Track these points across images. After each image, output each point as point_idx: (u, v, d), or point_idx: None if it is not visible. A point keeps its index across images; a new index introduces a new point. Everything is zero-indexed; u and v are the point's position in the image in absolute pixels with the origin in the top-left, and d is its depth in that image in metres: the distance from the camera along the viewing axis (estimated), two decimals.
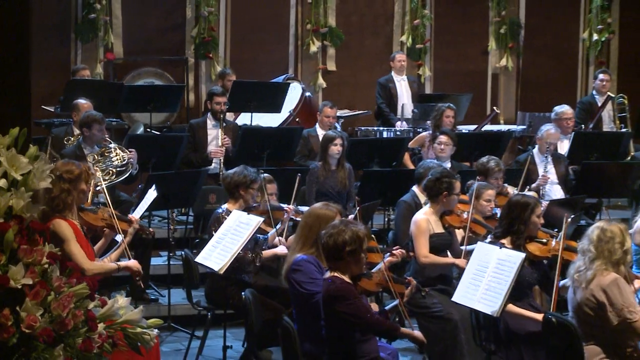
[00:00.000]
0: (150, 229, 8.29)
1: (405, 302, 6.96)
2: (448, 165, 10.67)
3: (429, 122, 12.13)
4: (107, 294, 6.32)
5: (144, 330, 5.85)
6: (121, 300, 5.83)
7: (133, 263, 7.19)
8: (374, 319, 6.43)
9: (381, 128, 13.15)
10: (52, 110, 12.03)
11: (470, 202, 8.66)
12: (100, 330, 5.56)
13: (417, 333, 6.71)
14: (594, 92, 14.03)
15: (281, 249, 8.45)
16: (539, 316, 7.20)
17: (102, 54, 13.72)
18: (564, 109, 12.38)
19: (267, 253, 8.50)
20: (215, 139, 11.63)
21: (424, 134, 12.03)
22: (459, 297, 7.28)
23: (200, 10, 14.05)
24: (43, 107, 12.16)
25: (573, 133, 12.34)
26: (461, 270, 7.68)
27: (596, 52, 15.95)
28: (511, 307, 7.25)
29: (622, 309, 6.59)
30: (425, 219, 8.45)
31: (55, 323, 5.14)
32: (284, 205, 8.99)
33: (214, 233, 7.90)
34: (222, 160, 11.41)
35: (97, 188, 8.31)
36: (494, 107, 14.37)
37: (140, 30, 13.94)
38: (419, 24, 15.12)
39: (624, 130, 13.51)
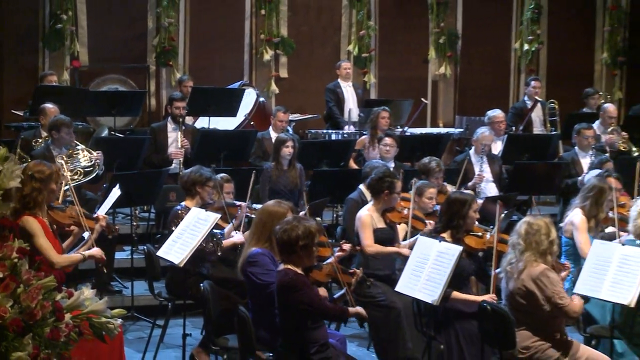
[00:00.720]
0: (116, 227, 8.23)
1: (352, 291, 6.96)
2: (392, 165, 10.72)
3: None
4: (73, 286, 6.23)
5: (109, 319, 5.81)
6: (87, 292, 5.78)
7: (96, 251, 7.15)
8: (326, 306, 6.47)
9: (330, 131, 13.16)
10: (21, 114, 11.97)
11: (412, 199, 8.70)
12: (67, 320, 5.51)
13: (359, 308, 6.73)
14: (525, 98, 14.16)
15: (239, 238, 8.42)
16: (480, 298, 7.29)
17: (69, 62, 13.66)
18: (496, 113, 12.46)
19: (226, 242, 8.47)
20: (175, 141, 11.58)
21: (363, 137, 12.07)
22: (401, 287, 7.31)
23: (161, 21, 14.03)
24: (13, 111, 12.09)
25: (506, 135, 12.42)
26: (404, 258, 7.71)
27: (527, 60, 16.06)
28: (455, 294, 7.35)
29: (553, 297, 6.68)
30: (368, 215, 8.52)
31: (24, 314, 5.10)
32: (238, 202, 8.98)
33: (174, 229, 7.87)
34: (181, 161, 11.36)
35: (66, 188, 8.25)
36: (422, 99, 14.33)
37: (105, 40, 13.88)
38: (364, 34, 15.14)
39: (554, 132, 13.62)
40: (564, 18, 16.24)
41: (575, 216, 8.52)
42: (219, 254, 8.42)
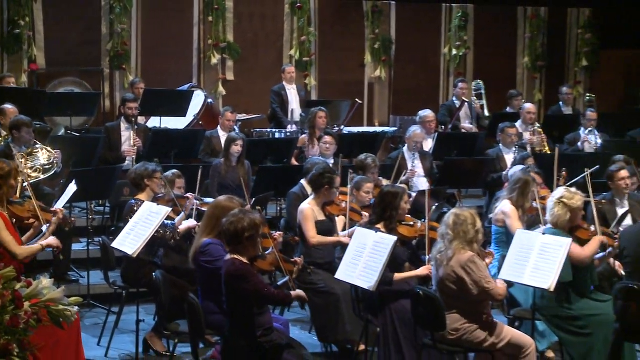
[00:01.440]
0: (72, 219, 8.18)
1: (294, 279, 6.97)
2: (331, 161, 10.73)
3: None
4: (32, 277, 6.18)
5: (66, 307, 5.77)
6: (45, 281, 5.74)
7: (52, 239, 7.12)
8: (271, 292, 6.46)
9: (274, 130, 13.14)
10: None
11: (350, 193, 8.74)
12: (26, 308, 5.47)
13: (300, 292, 6.73)
14: (454, 98, 14.22)
15: (192, 222, 8.43)
16: (420, 271, 7.45)
17: (27, 65, 13.52)
18: (427, 113, 12.52)
19: (182, 228, 8.43)
20: (128, 139, 11.53)
21: (304, 135, 12.09)
22: (341, 274, 7.34)
23: (114, 27, 13.93)
24: None
25: (436, 133, 12.49)
26: (344, 247, 7.74)
27: (455, 64, 16.16)
28: (397, 275, 7.43)
29: (480, 281, 6.73)
30: (309, 208, 8.56)
31: None
32: (186, 194, 8.96)
33: (129, 220, 7.82)
34: (134, 158, 11.30)
35: (24, 184, 8.17)
36: (357, 99, 14.38)
37: (61, 44, 13.74)
38: (305, 40, 15.14)
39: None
40: (488, 26, 16.38)
41: (505, 206, 8.59)
42: (177, 238, 8.39)
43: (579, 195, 7.92)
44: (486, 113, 14.06)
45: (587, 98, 15.66)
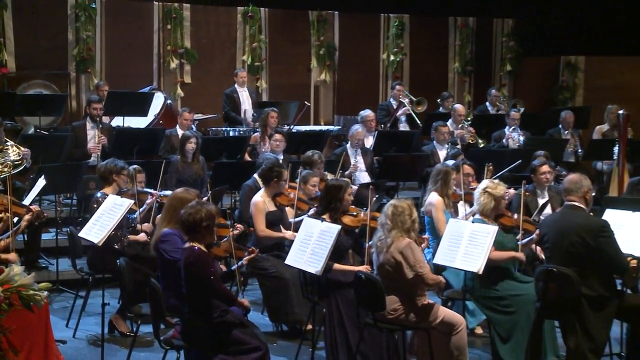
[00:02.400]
0: (45, 214, 8.16)
1: (247, 264, 6.97)
2: (281, 157, 10.76)
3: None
4: (4, 264, 6.14)
5: (36, 292, 5.72)
6: (16, 268, 5.71)
7: (12, 256, 7.09)
8: (220, 287, 6.43)
9: (228, 128, 13.11)
10: None
11: (298, 186, 8.76)
12: None
13: (245, 301, 6.65)
14: (391, 99, 14.28)
15: (142, 236, 8.46)
16: (357, 268, 7.36)
17: None
18: (368, 113, 12.58)
19: (132, 238, 8.50)
20: (93, 137, 11.44)
21: (256, 133, 12.08)
22: (290, 260, 7.34)
23: (80, 34, 13.78)
24: None
25: (376, 131, 12.53)
26: (290, 241, 7.75)
27: (393, 69, 16.20)
28: (337, 266, 7.40)
29: (415, 265, 6.76)
30: (261, 201, 8.60)
31: None
32: (150, 190, 8.93)
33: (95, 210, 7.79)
34: (99, 155, 11.24)
35: None
36: (305, 102, 14.44)
37: (30, 50, 13.55)
38: (256, 46, 15.10)
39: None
40: (422, 34, 16.45)
41: (433, 198, 8.65)
42: (125, 244, 8.45)
43: (502, 186, 8.00)
44: (417, 121, 14.07)
45: (512, 101, 15.79)
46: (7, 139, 9.94)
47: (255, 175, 9.58)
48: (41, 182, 8.47)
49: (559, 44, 16.73)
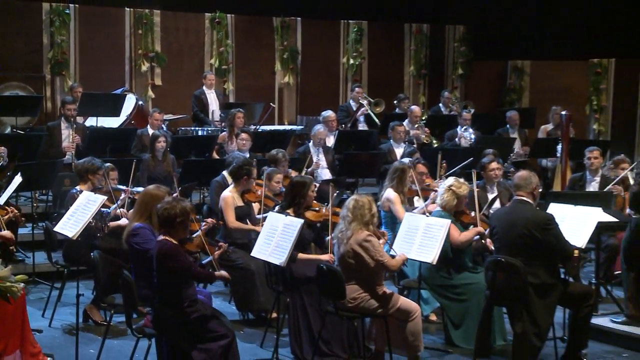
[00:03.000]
0: (23, 219, 8.20)
1: (217, 258, 6.95)
2: (247, 155, 10.75)
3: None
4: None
5: (13, 284, 5.68)
6: None
7: (6, 233, 7.05)
8: (197, 271, 6.44)
9: (197, 128, 13.06)
10: None
11: (264, 183, 8.76)
12: None
13: (223, 272, 6.71)
14: (351, 101, 14.30)
15: (123, 221, 8.33)
16: (323, 257, 7.46)
17: None
18: (329, 114, 12.61)
19: (113, 224, 8.41)
20: (68, 137, 11.37)
21: (224, 133, 12.06)
22: (256, 252, 7.35)
23: (55, 38, 13.69)
24: None
25: (337, 131, 12.55)
26: (257, 234, 7.75)
27: (352, 72, 16.22)
28: (301, 255, 7.45)
29: (375, 255, 6.79)
30: (230, 196, 8.58)
31: None
32: (123, 187, 8.88)
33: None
34: (73, 153, 11.19)
35: None
36: (271, 103, 14.44)
37: (7, 53, 13.43)
38: (223, 50, 15.06)
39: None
40: (380, 39, 16.48)
41: (389, 194, 8.69)
42: (106, 231, 8.39)
43: (466, 185, 8.08)
44: (376, 120, 14.08)
45: (463, 102, 15.88)
46: None
47: (224, 172, 9.57)
48: (17, 180, 8.42)
49: (507, 49, 16.87)
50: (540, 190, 7.66)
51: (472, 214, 8.10)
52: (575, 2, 15.92)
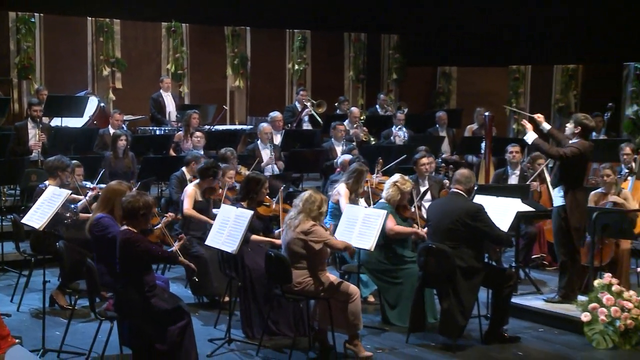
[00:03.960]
0: None
1: (179, 250, 6.92)
2: (201, 152, 10.74)
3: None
4: None
5: None
6: None
7: None
8: (161, 251, 6.46)
9: (154, 128, 12.96)
10: None
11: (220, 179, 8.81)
12: None
13: (190, 263, 6.72)
14: (296, 103, 14.29)
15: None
16: (273, 240, 7.56)
17: None
18: (276, 114, 12.60)
19: (83, 216, 8.29)
20: (34, 136, 11.22)
21: (180, 132, 11.99)
22: (210, 241, 7.32)
23: (21, 44, 13.47)
24: None
25: (284, 130, 12.54)
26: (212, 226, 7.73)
27: (297, 77, 16.21)
28: (254, 237, 7.50)
29: (320, 238, 6.80)
30: (193, 190, 8.60)
31: None
32: (89, 184, 8.84)
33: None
34: (40, 151, 11.04)
35: None
36: (224, 106, 14.44)
37: None
38: (179, 57, 14.96)
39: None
40: (322, 47, 16.50)
41: (342, 189, 8.66)
42: (74, 218, 8.35)
43: (410, 182, 8.13)
44: (319, 120, 14.06)
45: (397, 104, 15.98)
46: None
47: (184, 169, 9.61)
48: None
49: (436, 57, 17.02)
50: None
51: (412, 209, 8.17)
52: (496, 15, 16.12)
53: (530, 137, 7.99)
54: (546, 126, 8.06)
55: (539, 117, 8.19)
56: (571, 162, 7.82)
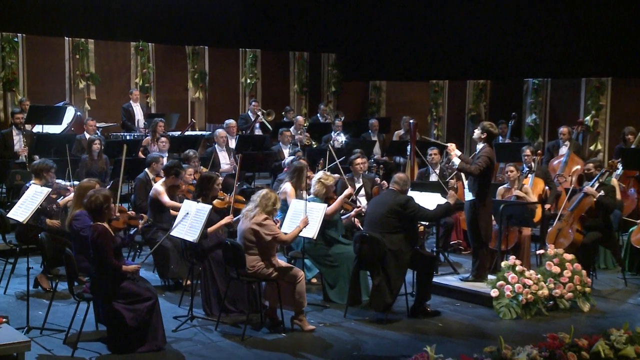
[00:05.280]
0: None
1: (140, 233, 6.85)
2: (166, 155, 10.64)
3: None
4: None
5: None
6: None
7: None
8: (111, 262, 6.17)
9: (125, 134, 12.77)
10: None
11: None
12: None
13: (130, 267, 6.37)
14: (249, 112, 14.21)
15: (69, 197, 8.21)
16: (228, 219, 7.53)
17: None
18: (231, 122, 12.52)
19: (61, 202, 8.26)
20: (19, 141, 11.05)
21: (147, 137, 11.86)
22: (174, 232, 7.23)
23: (6, 61, 13.16)
24: None
25: (238, 135, 12.47)
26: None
27: (249, 89, 16.12)
28: (211, 228, 7.39)
29: (270, 231, 6.82)
30: (161, 187, 8.49)
31: None
32: (67, 183, 8.76)
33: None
34: (26, 155, 10.89)
35: None
36: (192, 119, 14.38)
37: None
38: (146, 72, 14.76)
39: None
40: (270, 64, 16.44)
41: (287, 187, 8.62)
42: (55, 209, 8.25)
43: (332, 177, 8.17)
44: (269, 127, 14.03)
45: (336, 113, 16.03)
46: None
47: (147, 169, 9.45)
48: None
49: (368, 73, 17.13)
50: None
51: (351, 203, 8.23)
52: (419, 37, 16.29)
53: (456, 161, 8.02)
54: (456, 161, 8.03)
55: (450, 147, 8.16)
56: (485, 170, 7.91)
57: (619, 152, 10.95)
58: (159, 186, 8.49)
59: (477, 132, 8.15)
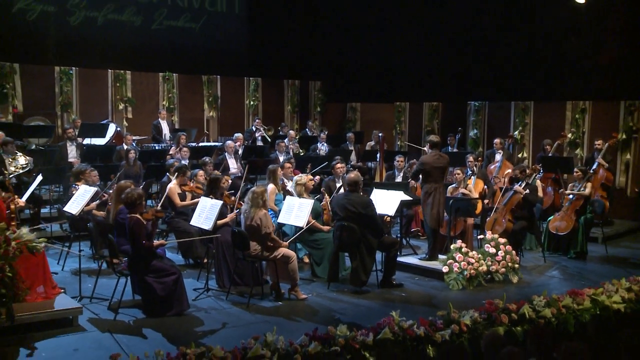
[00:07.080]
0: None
1: (166, 222, 6.85)
2: (187, 162, 10.62)
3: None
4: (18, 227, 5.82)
5: (37, 243, 5.53)
6: (24, 230, 5.50)
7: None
8: (145, 245, 6.20)
9: (155, 145, 12.72)
10: None
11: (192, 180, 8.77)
12: (13, 245, 5.19)
13: (159, 242, 6.47)
14: (253, 127, 14.12)
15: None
16: (232, 215, 7.42)
17: (11, 109, 12.46)
18: (238, 135, 12.34)
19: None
20: (72, 151, 11.00)
21: (172, 147, 11.81)
22: (193, 221, 7.27)
23: (63, 88, 13.06)
24: None
25: (244, 146, 12.40)
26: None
27: (252, 109, 16.01)
28: (220, 222, 7.30)
29: (267, 227, 6.81)
30: (174, 186, 8.47)
31: None
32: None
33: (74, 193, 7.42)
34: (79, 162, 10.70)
35: (10, 177, 7.64)
36: (207, 132, 14.37)
37: (31, 97, 12.66)
38: (171, 96, 14.72)
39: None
40: (270, 89, 16.41)
41: (270, 187, 8.57)
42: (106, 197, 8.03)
43: (305, 177, 8.20)
44: (268, 139, 14.01)
45: (320, 128, 16.03)
46: (18, 151, 9.51)
47: (168, 174, 9.45)
48: (39, 178, 8.07)
49: (347, 96, 17.15)
50: (365, 181, 7.87)
51: (327, 198, 8.22)
52: (386, 66, 16.33)
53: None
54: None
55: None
56: (420, 170, 7.98)
57: (540, 159, 11.08)
58: (171, 185, 8.47)
59: (428, 142, 8.28)
